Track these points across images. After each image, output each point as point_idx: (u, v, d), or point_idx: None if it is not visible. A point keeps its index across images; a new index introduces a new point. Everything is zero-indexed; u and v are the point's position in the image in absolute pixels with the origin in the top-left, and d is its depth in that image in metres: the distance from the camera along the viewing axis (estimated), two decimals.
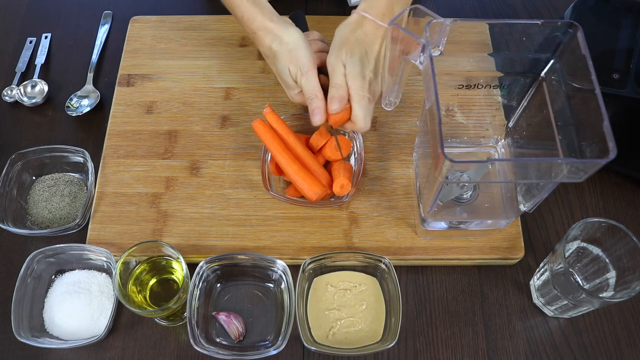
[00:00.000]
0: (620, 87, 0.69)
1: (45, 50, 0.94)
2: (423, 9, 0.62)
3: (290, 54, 0.70)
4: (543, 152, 0.68)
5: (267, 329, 0.71)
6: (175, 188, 0.79)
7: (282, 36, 0.71)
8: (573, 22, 0.60)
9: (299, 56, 0.70)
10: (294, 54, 0.70)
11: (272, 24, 0.71)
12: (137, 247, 0.69)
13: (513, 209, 0.73)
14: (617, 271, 0.67)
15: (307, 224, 0.77)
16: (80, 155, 0.80)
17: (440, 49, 0.63)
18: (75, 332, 0.70)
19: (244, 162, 0.81)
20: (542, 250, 0.77)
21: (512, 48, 0.65)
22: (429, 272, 0.76)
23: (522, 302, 0.74)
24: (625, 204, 0.81)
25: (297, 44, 0.70)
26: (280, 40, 0.71)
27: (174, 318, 0.72)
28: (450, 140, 0.78)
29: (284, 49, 0.70)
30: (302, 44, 0.71)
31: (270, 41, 0.71)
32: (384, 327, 0.70)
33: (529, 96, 0.69)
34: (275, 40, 0.71)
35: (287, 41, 0.70)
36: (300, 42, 0.71)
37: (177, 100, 0.86)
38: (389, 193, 0.79)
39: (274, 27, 0.71)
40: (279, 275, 0.71)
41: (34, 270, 0.72)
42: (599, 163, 0.53)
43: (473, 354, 0.71)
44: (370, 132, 0.83)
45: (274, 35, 0.71)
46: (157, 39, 0.92)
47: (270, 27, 0.71)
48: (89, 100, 0.89)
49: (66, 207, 0.79)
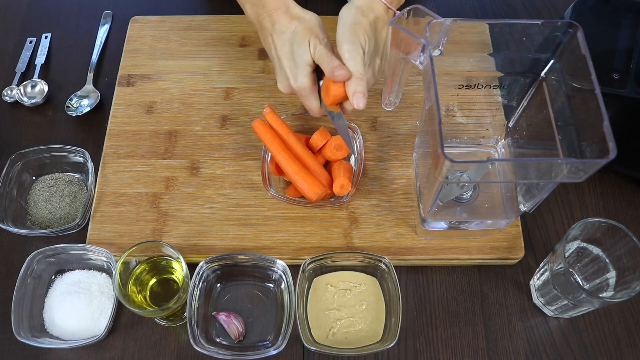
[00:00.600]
0: (620, 87, 0.69)
1: (45, 50, 0.94)
2: (423, 9, 0.62)
3: (312, 29, 0.70)
4: (543, 152, 0.68)
5: (267, 329, 0.71)
6: (175, 188, 0.79)
7: (304, 16, 0.72)
8: (573, 22, 0.60)
9: (319, 32, 0.71)
10: (315, 30, 0.70)
11: (291, 2, 0.72)
12: (137, 247, 0.69)
13: (513, 209, 0.73)
14: (617, 271, 0.67)
15: (307, 224, 0.77)
16: (80, 155, 0.80)
17: (440, 49, 0.63)
18: (75, 332, 0.70)
19: (244, 162, 0.81)
20: (542, 250, 0.77)
21: (512, 48, 0.65)
22: (429, 272, 0.76)
23: (522, 302, 0.74)
24: (625, 204, 0.81)
25: (318, 24, 0.72)
26: (300, 18, 0.71)
27: (174, 318, 0.72)
28: (450, 140, 0.78)
29: (304, 25, 0.70)
30: (322, 25, 0.72)
31: (290, 19, 0.71)
32: (384, 327, 0.70)
33: (529, 96, 0.69)
34: (296, 17, 0.71)
35: (310, 20, 0.71)
36: (320, 24, 0.72)
37: (177, 100, 0.86)
38: (389, 193, 0.79)
39: (293, 6, 0.72)
40: (279, 275, 0.71)
41: (34, 270, 0.72)
42: (599, 163, 0.53)
43: (473, 354, 0.71)
44: (370, 132, 0.83)
45: (294, 13, 0.72)
46: (157, 39, 0.92)
47: (290, 6, 0.72)
48: (89, 100, 0.89)
49: (66, 207, 0.79)
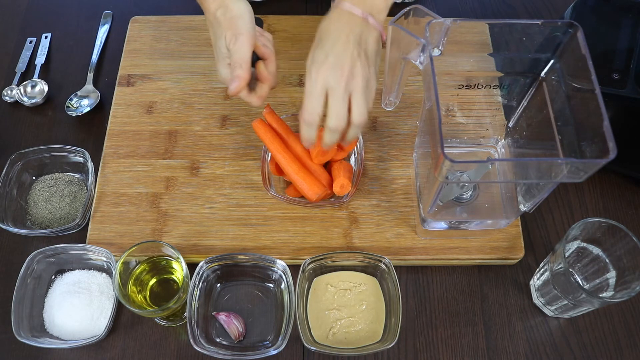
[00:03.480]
0: (620, 87, 0.69)
1: (45, 50, 0.94)
2: (423, 9, 0.62)
3: (232, 21, 0.67)
4: (543, 152, 0.68)
5: (267, 329, 0.71)
6: (175, 188, 0.79)
7: (230, 5, 0.67)
8: (573, 22, 0.60)
9: (239, 24, 0.67)
10: (235, 21, 0.67)
11: None
12: (137, 247, 0.69)
13: (513, 209, 0.73)
14: (617, 271, 0.67)
15: (307, 224, 0.77)
16: (80, 155, 0.80)
17: (440, 49, 0.63)
18: (75, 332, 0.70)
19: (244, 162, 0.81)
20: (542, 250, 0.77)
21: (512, 48, 0.65)
22: (429, 272, 0.76)
23: (522, 302, 0.74)
24: (625, 204, 0.81)
25: (241, 14, 0.67)
26: (226, 8, 0.67)
27: (174, 318, 0.72)
28: (450, 140, 0.78)
29: (226, 16, 0.67)
30: (247, 15, 0.68)
31: (216, 8, 0.68)
32: (384, 327, 0.70)
33: (529, 96, 0.69)
34: (221, 8, 0.67)
35: (233, 9, 0.67)
36: (245, 14, 0.67)
37: (177, 100, 0.86)
38: (389, 193, 0.79)
39: None
40: (279, 275, 0.71)
41: (34, 270, 0.72)
42: (599, 163, 0.53)
43: (473, 354, 0.71)
44: (370, 132, 0.83)
45: (221, 3, 0.68)
46: (157, 39, 0.92)
47: None
48: (89, 100, 0.89)
49: (66, 207, 0.79)
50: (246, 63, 0.67)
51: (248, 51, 0.67)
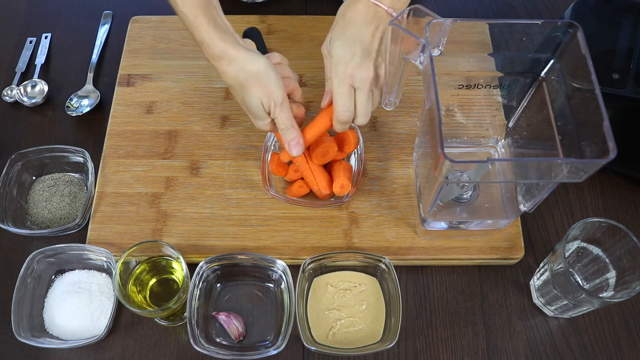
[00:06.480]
0: (620, 87, 0.69)
1: (45, 50, 0.94)
2: (423, 9, 0.62)
3: (261, 85, 0.65)
4: (543, 152, 0.68)
5: (267, 329, 0.71)
6: (175, 188, 0.79)
7: (248, 65, 0.65)
8: (573, 22, 0.60)
9: (270, 87, 0.65)
10: (266, 85, 0.65)
11: (235, 51, 0.65)
12: (137, 247, 0.69)
13: (513, 209, 0.73)
14: (617, 271, 0.67)
15: (307, 224, 0.77)
16: (80, 155, 0.80)
17: (440, 49, 0.63)
18: (75, 332, 0.70)
19: (244, 162, 0.81)
20: (542, 250, 0.77)
21: (512, 48, 0.65)
22: (429, 272, 0.76)
23: (522, 302, 0.74)
24: (625, 204, 0.81)
25: (266, 73, 0.65)
26: (246, 70, 0.65)
27: (174, 318, 0.72)
28: (450, 140, 0.78)
29: (252, 80, 0.65)
30: (272, 73, 0.66)
31: (236, 71, 0.65)
32: (384, 327, 0.70)
33: (529, 96, 0.69)
34: (241, 71, 0.65)
35: (255, 71, 0.65)
36: (270, 71, 0.65)
37: (177, 100, 0.86)
38: (389, 193, 0.79)
39: (237, 55, 0.65)
40: (279, 275, 0.71)
41: (34, 270, 0.72)
42: (599, 163, 0.53)
43: (473, 354, 0.71)
44: (370, 132, 0.83)
45: (238, 65, 0.65)
46: (157, 39, 0.92)
47: (233, 55, 0.65)
48: (89, 100, 0.89)
49: (66, 207, 0.79)
50: (294, 122, 0.68)
51: (290, 112, 0.68)
